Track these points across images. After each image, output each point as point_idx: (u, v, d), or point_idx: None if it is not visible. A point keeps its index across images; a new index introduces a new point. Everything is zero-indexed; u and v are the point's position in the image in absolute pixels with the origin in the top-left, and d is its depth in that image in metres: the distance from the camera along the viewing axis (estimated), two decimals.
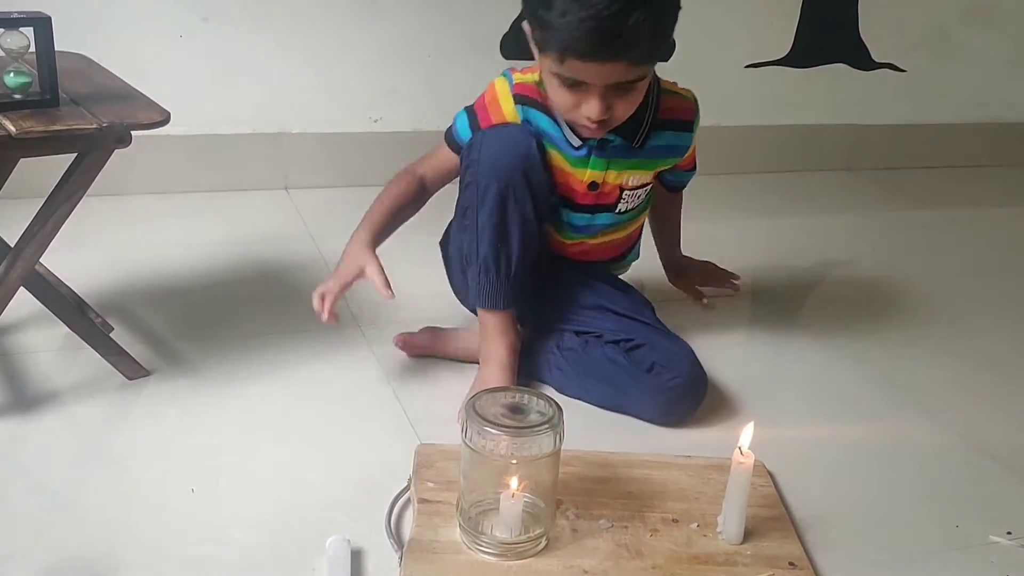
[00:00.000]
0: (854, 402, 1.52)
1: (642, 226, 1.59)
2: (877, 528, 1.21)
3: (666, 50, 1.30)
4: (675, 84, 1.45)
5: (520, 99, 1.38)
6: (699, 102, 1.45)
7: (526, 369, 1.46)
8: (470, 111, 1.42)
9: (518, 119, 1.38)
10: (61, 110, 1.22)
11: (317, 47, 2.19)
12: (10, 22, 1.19)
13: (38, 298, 1.36)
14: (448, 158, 1.44)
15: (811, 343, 1.71)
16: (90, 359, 1.40)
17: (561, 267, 1.49)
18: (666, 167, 1.48)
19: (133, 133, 1.21)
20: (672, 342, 1.42)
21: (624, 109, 1.28)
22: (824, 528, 1.19)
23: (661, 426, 1.39)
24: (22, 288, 1.30)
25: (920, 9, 2.67)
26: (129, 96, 1.32)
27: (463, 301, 1.53)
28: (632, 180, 1.42)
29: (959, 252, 2.25)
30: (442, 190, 1.48)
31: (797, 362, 1.65)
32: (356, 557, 1.07)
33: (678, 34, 1.33)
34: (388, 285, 1.32)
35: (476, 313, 1.42)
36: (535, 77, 1.37)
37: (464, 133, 1.41)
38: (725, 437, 1.36)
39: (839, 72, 2.66)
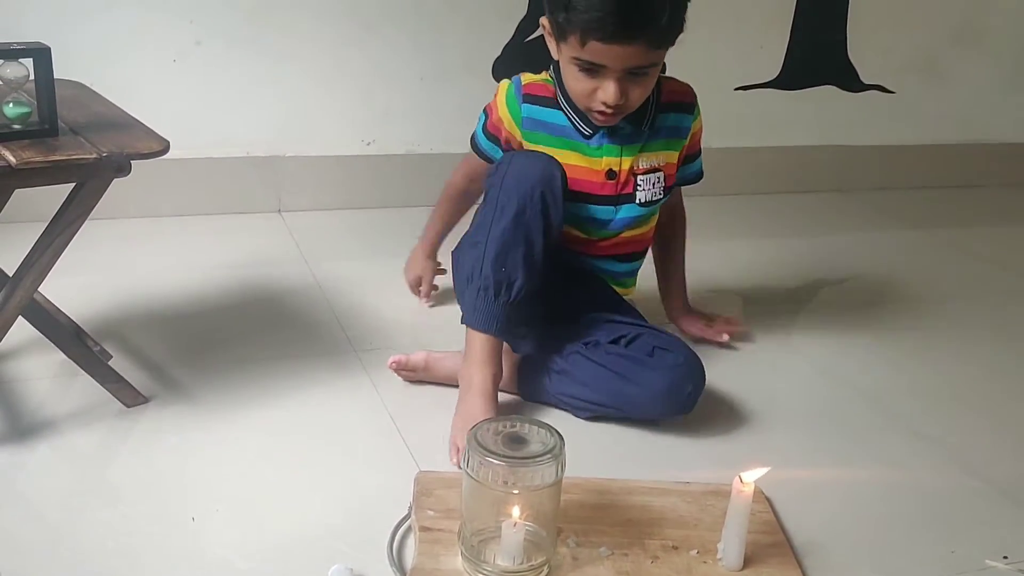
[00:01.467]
0: (850, 427, 1.53)
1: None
2: (875, 553, 1.21)
3: (678, 35, 1.37)
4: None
5: (528, 98, 1.46)
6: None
7: (525, 389, 1.47)
8: (488, 134, 1.53)
9: (510, 118, 1.48)
10: (60, 140, 1.22)
11: (310, 70, 2.20)
12: (10, 53, 1.19)
13: (36, 326, 1.36)
14: (478, 162, 1.56)
15: (804, 366, 1.72)
16: (87, 386, 1.40)
17: (564, 288, 1.51)
18: (675, 152, 1.52)
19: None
20: (668, 337, 1.47)
21: (638, 95, 1.37)
22: (823, 554, 1.19)
23: (665, 417, 1.42)
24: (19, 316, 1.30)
25: (908, 32, 2.70)
26: (127, 125, 1.32)
27: None
28: (643, 163, 1.48)
29: (950, 272, 2.26)
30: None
31: (791, 385, 1.65)
32: None
33: (668, 56, 1.37)
34: (428, 294, 1.78)
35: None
36: (544, 76, 1.47)
37: (494, 152, 1.52)
38: (721, 461, 1.37)
39: (828, 94, 2.69)
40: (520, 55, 2.29)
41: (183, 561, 1.10)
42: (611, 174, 1.46)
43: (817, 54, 2.65)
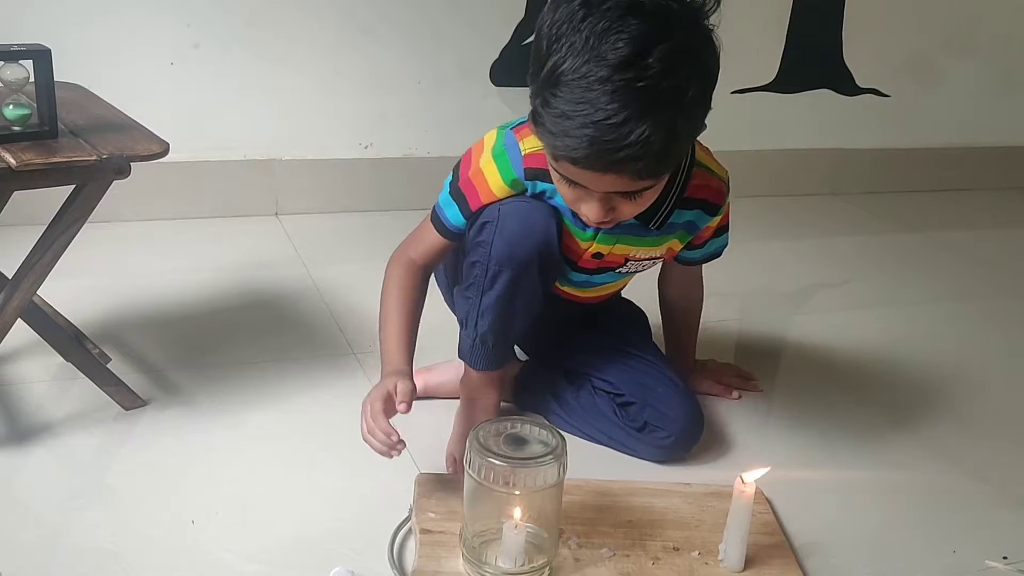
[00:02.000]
0: (848, 428, 1.53)
1: None
2: (875, 554, 1.22)
3: (682, 154, 1.14)
4: (710, 155, 1.28)
5: (532, 173, 1.20)
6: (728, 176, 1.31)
7: (523, 402, 1.47)
8: (456, 193, 1.25)
9: (508, 191, 1.21)
10: (60, 142, 1.21)
11: (308, 74, 2.19)
12: (10, 55, 1.19)
13: (34, 329, 1.36)
14: (440, 242, 1.28)
15: (802, 367, 1.72)
16: (85, 389, 1.39)
17: (559, 303, 1.41)
18: (680, 243, 1.33)
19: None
20: (665, 393, 1.36)
21: (630, 211, 1.13)
22: (824, 555, 1.20)
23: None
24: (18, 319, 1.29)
25: (903, 36, 2.71)
26: (127, 127, 1.32)
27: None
28: (641, 254, 1.30)
29: (946, 274, 2.27)
30: None
31: (788, 387, 1.66)
32: None
33: None
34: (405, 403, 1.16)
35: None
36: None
37: (457, 220, 1.25)
38: (720, 463, 1.38)
39: (824, 97, 2.70)
40: (518, 59, 2.29)
41: (183, 564, 1.10)
42: (598, 255, 1.28)
43: (813, 58, 2.66)
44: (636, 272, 1.37)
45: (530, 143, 1.19)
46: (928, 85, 2.80)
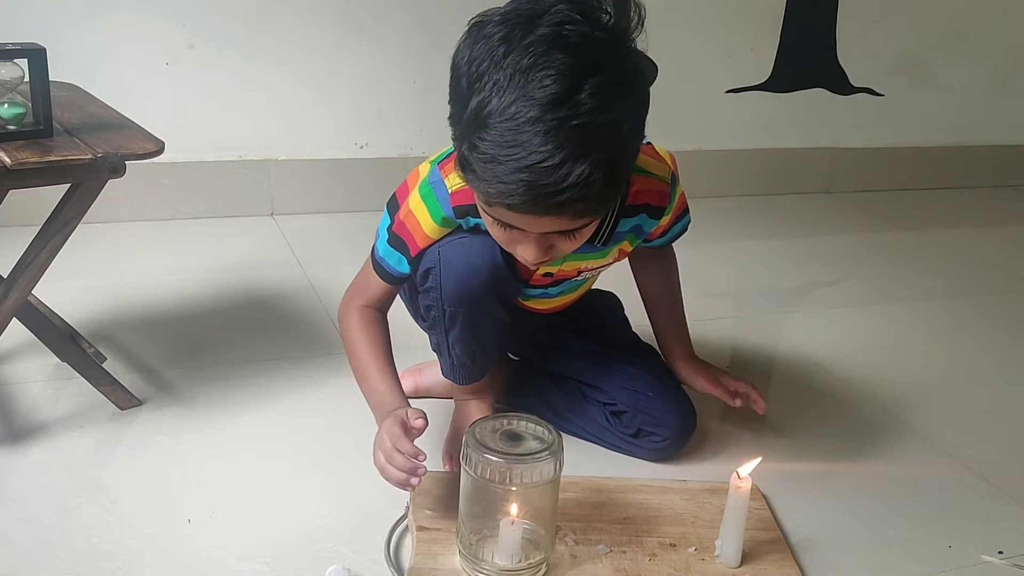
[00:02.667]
0: (843, 424, 1.53)
1: None
2: (871, 549, 1.22)
3: (623, 187, 1.07)
4: (651, 152, 1.21)
5: (461, 211, 1.14)
6: (674, 161, 1.25)
7: (516, 406, 1.46)
8: (394, 240, 1.20)
9: (441, 231, 1.16)
10: (55, 141, 1.21)
11: (303, 74, 2.20)
12: (4, 53, 1.19)
13: (30, 329, 1.35)
14: (386, 288, 1.24)
15: (797, 364, 1.73)
16: (80, 389, 1.39)
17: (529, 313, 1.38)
18: (631, 245, 1.27)
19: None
20: (656, 397, 1.34)
21: (569, 247, 1.06)
22: (820, 550, 1.20)
23: None
24: (13, 318, 1.29)
25: (896, 35, 2.72)
26: (122, 126, 1.32)
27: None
28: (592, 264, 1.26)
29: (940, 272, 2.28)
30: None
31: (784, 384, 1.66)
32: None
33: (660, 59, 1.25)
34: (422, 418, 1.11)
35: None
36: None
37: (400, 267, 1.20)
38: (716, 460, 1.38)
39: (818, 97, 2.71)
40: None
41: (179, 563, 1.10)
42: (548, 275, 1.25)
43: (807, 57, 2.67)
44: (595, 277, 1.34)
45: (456, 180, 1.11)
46: (921, 84, 2.81)
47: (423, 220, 1.16)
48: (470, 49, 0.97)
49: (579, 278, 1.30)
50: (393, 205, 1.21)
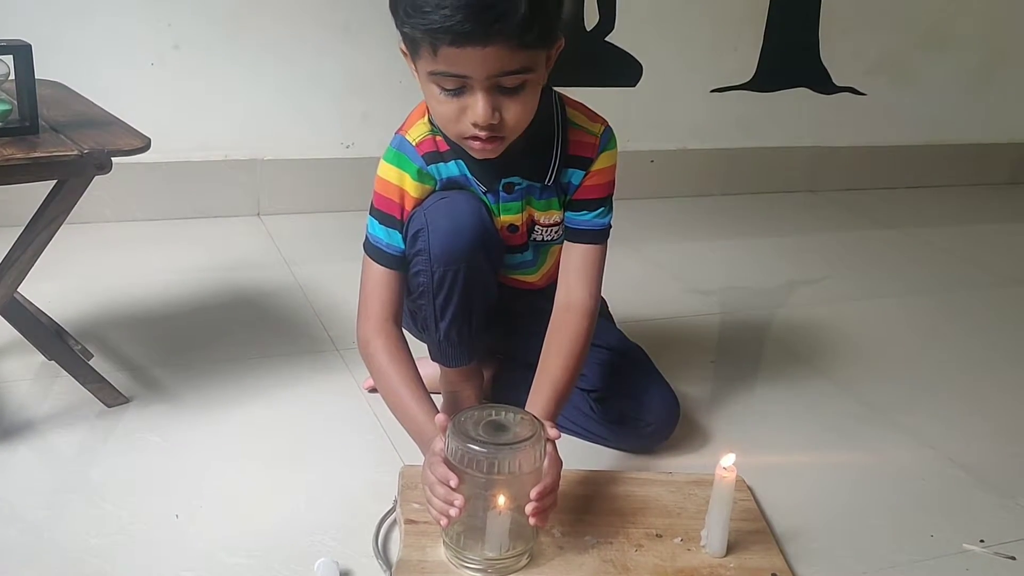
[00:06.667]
0: (827, 417, 1.55)
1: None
2: (855, 539, 1.23)
3: (552, 36, 1.13)
4: (585, 111, 1.28)
5: (430, 158, 1.22)
6: (613, 128, 1.28)
7: (501, 401, 1.47)
8: (379, 215, 1.24)
9: (426, 188, 1.22)
10: (41, 137, 1.21)
11: (289, 73, 2.20)
12: None
13: (15, 326, 1.35)
14: (388, 277, 1.25)
15: (782, 359, 1.74)
16: (67, 387, 1.39)
17: (517, 295, 1.39)
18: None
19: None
20: (639, 382, 1.36)
21: (515, 114, 1.12)
22: (804, 540, 1.21)
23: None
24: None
25: (879, 35, 2.75)
26: (107, 123, 1.32)
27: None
28: (544, 219, 1.29)
29: (922, 269, 2.30)
30: None
31: (769, 379, 1.67)
32: None
33: (645, 58, 1.27)
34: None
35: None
36: (425, 125, 1.22)
37: (393, 240, 1.24)
38: (702, 453, 1.39)
39: (801, 96, 2.73)
40: None
41: (167, 558, 1.10)
42: (512, 228, 1.28)
43: (790, 57, 2.69)
44: (550, 243, 1.32)
45: (415, 132, 1.22)
46: (903, 84, 2.84)
47: (396, 180, 1.22)
48: None
49: (536, 236, 1.30)
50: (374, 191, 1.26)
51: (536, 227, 1.30)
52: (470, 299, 1.25)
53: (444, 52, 1.07)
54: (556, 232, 1.31)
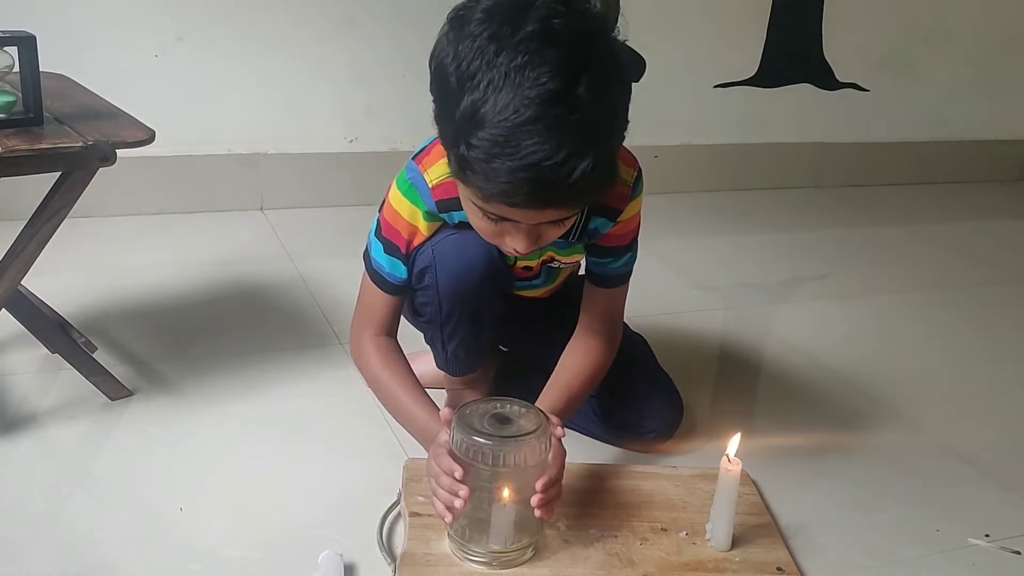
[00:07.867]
0: (833, 412, 1.54)
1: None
2: (860, 534, 1.23)
3: (615, 178, 1.08)
4: (621, 151, 1.12)
5: (444, 205, 1.13)
6: (642, 169, 1.20)
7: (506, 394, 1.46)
8: (387, 246, 1.19)
9: (432, 227, 1.17)
10: (45, 129, 1.21)
11: (292, 67, 2.20)
12: None
13: (19, 319, 1.35)
14: (389, 302, 1.23)
15: (787, 355, 1.74)
16: (70, 380, 1.39)
17: (519, 300, 1.36)
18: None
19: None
20: (641, 390, 1.35)
21: (556, 234, 1.06)
22: (810, 534, 1.21)
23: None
24: (3, 309, 1.29)
25: (882, 31, 2.74)
26: (112, 115, 1.32)
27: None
28: (562, 258, 1.26)
29: (926, 265, 2.30)
30: None
31: (773, 374, 1.67)
32: (349, 572, 1.07)
33: (649, 54, 1.26)
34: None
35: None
36: (447, 167, 1.04)
37: (398, 272, 1.20)
38: (707, 448, 1.39)
39: (805, 92, 2.72)
40: None
41: (171, 551, 1.10)
42: (527, 269, 1.26)
43: (794, 53, 2.68)
44: (565, 268, 1.31)
45: (435, 173, 1.12)
46: (907, 80, 2.83)
47: (408, 215, 1.16)
48: (455, 47, 0.95)
49: (555, 265, 1.28)
50: (380, 206, 1.21)
51: (553, 261, 1.27)
52: (479, 328, 1.24)
53: (496, 206, 0.98)
54: (574, 264, 1.30)
